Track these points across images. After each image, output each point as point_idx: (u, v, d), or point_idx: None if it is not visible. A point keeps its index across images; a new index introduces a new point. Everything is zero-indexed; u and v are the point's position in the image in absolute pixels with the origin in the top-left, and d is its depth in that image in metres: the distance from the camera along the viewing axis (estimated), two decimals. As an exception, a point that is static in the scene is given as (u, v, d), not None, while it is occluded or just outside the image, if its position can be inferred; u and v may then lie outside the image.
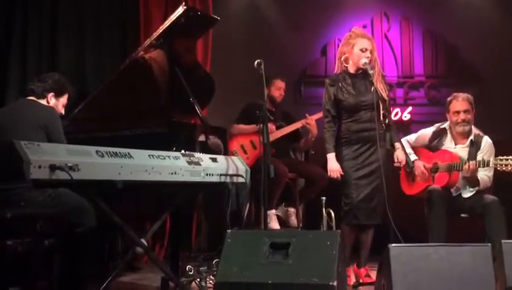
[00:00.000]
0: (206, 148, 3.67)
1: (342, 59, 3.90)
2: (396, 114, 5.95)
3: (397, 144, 3.86)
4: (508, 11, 5.89)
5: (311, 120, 4.90)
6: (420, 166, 4.13)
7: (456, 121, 4.09)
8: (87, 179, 2.67)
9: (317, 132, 4.86)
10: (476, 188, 4.05)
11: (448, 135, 4.18)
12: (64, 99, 3.69)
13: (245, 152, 4.89)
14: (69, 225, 3.29)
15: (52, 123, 3.39)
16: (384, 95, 3.79)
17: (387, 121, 3.78)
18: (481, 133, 4.17)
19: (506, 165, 3.77)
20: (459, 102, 4.10)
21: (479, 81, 5.90)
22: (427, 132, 4.29)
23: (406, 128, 5.67)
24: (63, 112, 3.70)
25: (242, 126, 5.01)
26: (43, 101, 3.57)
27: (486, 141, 4.11)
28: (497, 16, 5.92)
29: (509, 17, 5.88)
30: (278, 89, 5.08)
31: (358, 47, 3.81)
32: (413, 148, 4.29)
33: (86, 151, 2.74)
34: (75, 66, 5.30)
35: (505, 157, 3.80)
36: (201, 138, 3.78)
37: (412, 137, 4.35)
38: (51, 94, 3.59)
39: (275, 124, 4.96)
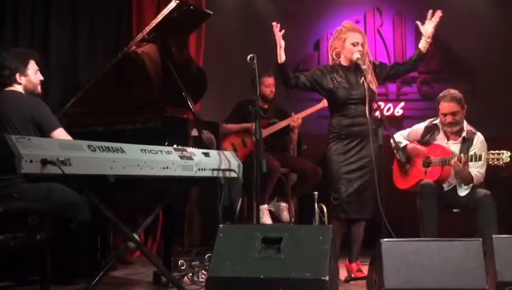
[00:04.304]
0: (199, 143, 3.66)
1: (334, 54, 3.90)
2: (388, 109, 5.98)
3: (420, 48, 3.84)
4: (502, 6, 5.91)
5: (297, 118, 4.99)
6: (410, 147, 4.15)
7: (444, 122, 4.10)
8: (79, 174, 2.66)
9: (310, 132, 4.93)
10: (471, 185, 4.05)
11: (441, 130, 4.18)
12: (32, 67, 3.45)
13: (235, 150, 4.88)
14: (61, 220, 3.28)
15: (38, 112, 3.32)
16: (373, 87, 3.79)
17: (378, 115, 3.79)
18: (473, 130, 4.16)
19: (498, 159, 3.77)
20: (447, 104, 4.06)
21: (472, 76, 5.92)
22: (419, 127, 4.30)
23: (398, 123, 5.68)
24: (41, 77, 3.51)
25: (230, 125, 5.01)
26: (19, 87, 3.41)
27: (479, 138, 4.11)
28: (490, 12, 5.94)
29: (503, 12, 5.90)
30: (266, 86, 5.01)
31: (350, 41, 3.79)
32: (406, 143, 4.31)
33: (77, 145, 2.72)
34: (67, 59, 5.25)
35: (496, 151, 3.80)
36: (194, 132, 3.77)
37: (404, 132, 4.35)
38: (17, 74, 3.40)
39: (267, 121, 4.96)
